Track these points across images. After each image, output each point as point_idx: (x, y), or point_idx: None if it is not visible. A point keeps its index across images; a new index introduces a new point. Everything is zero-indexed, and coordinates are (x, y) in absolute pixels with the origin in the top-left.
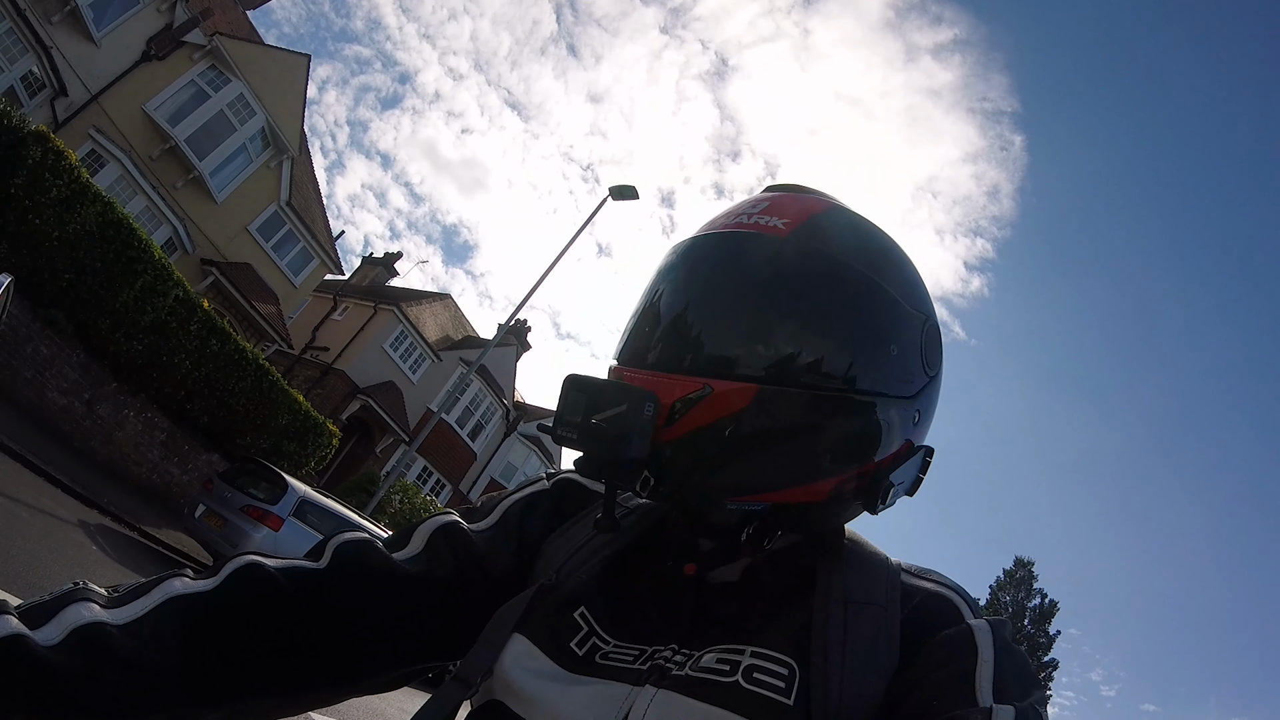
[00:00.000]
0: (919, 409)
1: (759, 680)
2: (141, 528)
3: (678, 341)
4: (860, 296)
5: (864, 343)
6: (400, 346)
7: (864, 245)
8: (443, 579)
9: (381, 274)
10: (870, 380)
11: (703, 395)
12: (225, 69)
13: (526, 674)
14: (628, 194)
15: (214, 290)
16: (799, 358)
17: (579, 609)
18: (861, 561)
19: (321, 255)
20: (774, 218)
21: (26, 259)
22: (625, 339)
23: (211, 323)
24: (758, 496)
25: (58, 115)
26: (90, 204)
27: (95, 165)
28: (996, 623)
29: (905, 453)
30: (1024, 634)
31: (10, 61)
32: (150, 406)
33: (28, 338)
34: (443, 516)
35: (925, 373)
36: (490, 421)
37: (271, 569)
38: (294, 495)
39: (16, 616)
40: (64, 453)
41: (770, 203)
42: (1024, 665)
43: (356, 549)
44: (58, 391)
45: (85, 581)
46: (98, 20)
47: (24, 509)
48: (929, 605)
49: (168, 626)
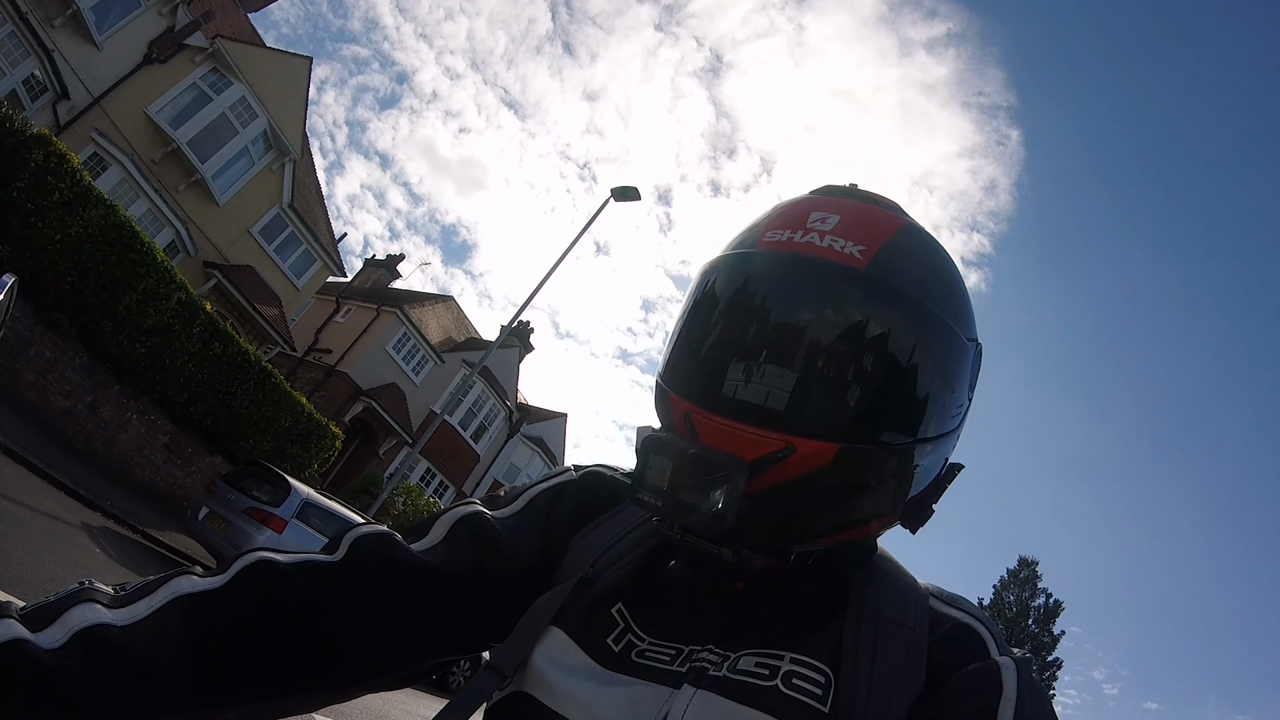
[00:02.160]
0: (960, 433)
1: (797, 686)
2: (144, 530)
3: (759, 389)
4: (938, 345)
5: (938, 391)
6: (403, 348)
7: (936, 279)
8: (463, 570)
9: (384, 276)
10: (935, 426)
11: (786, 454)
12: (227, 72)
13: (561, 669)
14: (630, 195)
15: (216, 293)
16: (880, 414)
17: (616, 605)
18: (893, 581)
19: (324, 257)
20: (849, 242)
21: (29, 262)
22: (686, 369)
23: (214, 325)
24: (820, 540)
25: (60, 118)
26: (93, 207)
27: (98, 168)
28: (1022, 661)
29: (945, 475)
30: (1028, 634)
31: (12, 65)
32: (153, 409)
33: (30, 341)
34: (466, 506)
35: (969, 397)
36: (493, 423)
37: (283, 565)
38: (297, 497)
39: (18, 620)
40: (67, 456)
41: (841, 219)
42: (1044, 706)
43: (374, 541)
44: (61, 394)
45: (91, 581)
46: (99, 23)
47: (27, 511)
48: (957, 635)
49: (174, 626)
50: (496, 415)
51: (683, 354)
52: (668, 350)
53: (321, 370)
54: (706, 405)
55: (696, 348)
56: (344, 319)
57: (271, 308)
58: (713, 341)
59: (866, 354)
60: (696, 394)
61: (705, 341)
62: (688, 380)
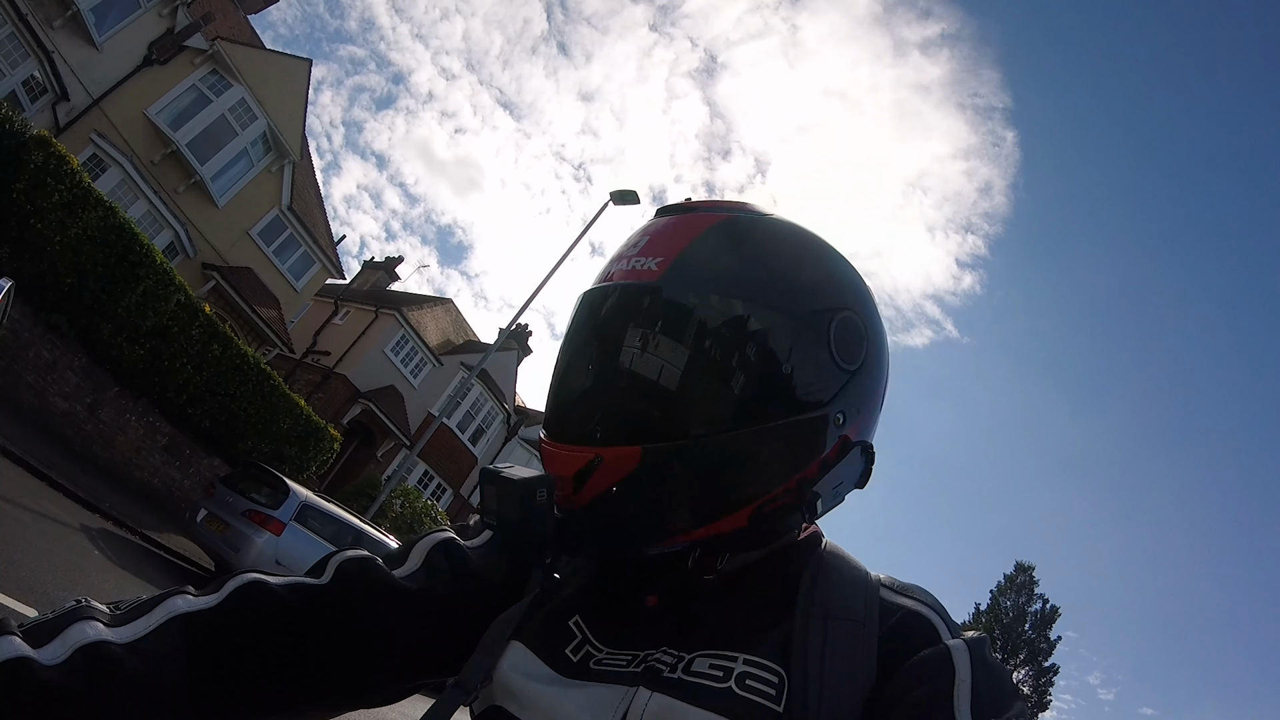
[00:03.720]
0: (843, 410)
1: (751, 687)
2: (143, 532)
3: (572, 411)
4: (732, 333)
5: (746, 379)
6: (401, 351)
7: (744, 265)
8: (442, 594)
9: (383, 278)
10: (763, 412)
11: (595, 465)
12: (226, 74)
13: (525, 679)
14: (629, 199)
15: (215, 295)
16: (680, 412)
17: (573, 618)
18: (841, 575)
19: (323, 259)
20: (649, 258)
21: (29, 264)
22: (547, 405)
23: (213, 327)
24: (677, 539)
25: (59, 120)
26: (92, 209)
27: (97, 170)
28: (974, 642)
29: (836, 455)
30: (1025, 639)
31: (12, 66)
32: (152, 411)
33: (30, 342)
34: (440, 533)
35: (842, 369)
36: (491, 426)
37: (273, 586)
38: (295, 500)
39: (20, 636)
40: (66, 457)
41: (650, 238)
42: (1001, 681)
43: (359, 565)
44: (60, 396)
45: (88, 599)
46: (99, 25)
47: (26, 514)
48: (907, 623)
49: (172, 644)
50: (495, 418)
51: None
52: None
53: (320, 372)
54: (549, 434)
55: (551, 386)
56: (342, 321)
57: (270, 309)
58: (554, 378)
59: (661, 358)
60: (547, 425)
61: (554, 373)
62: (545, 412)
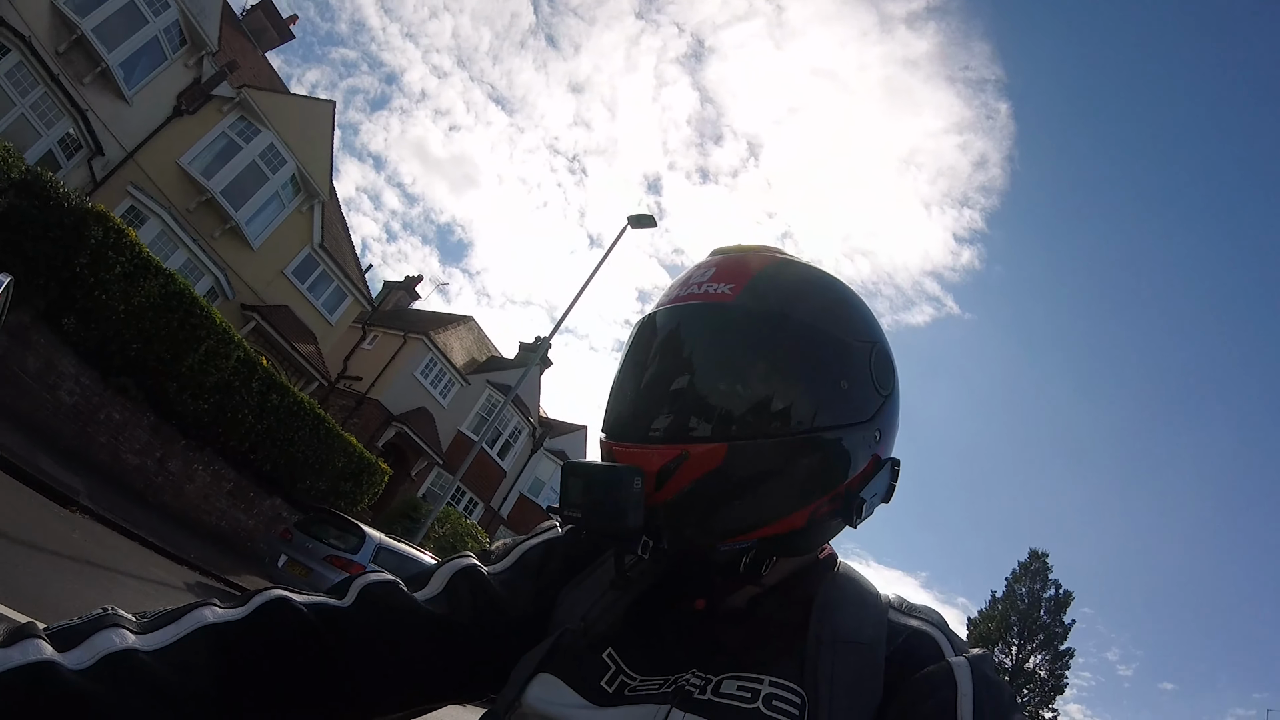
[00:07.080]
0: (879, 428)
1: (777, 707)
2: (226, 579)
3: (652, 413)
4: (805, 345)
5: (815, 386)
6: (430, 373)
7: (804, 294)
8: (462, 620)
9: (403, 297)
10: (828, 417)
11: (681, 460)
12: (254, 119)
13: (557, 705)
14: (645, 223)
15: (256, 334)
16: (759, 412)
17: (607, 650)
18: (852, 599)
19: (354, 293)
20: (720, 284)
21: (94, 332)
22: (608, 412)
23: (271, 379)
24: (744, 536)
25: (95, 174)
26: (153, 277)
27: (136, 221)
28: (976, 659)
29: (872, 469)
30: (1041, 624)
31: (47, 126)
32: (217, 459)
33: (100, 405)
34: (462, 559)
35: (879, 394)
36: (518, 440)
37: (298, 603)
38: (372, 543)
39: (46, 640)
40: (140, 507)
41: (716, 268)
42: (1002, 696)
43: (382, 589)
44: (131, 453)
45: (114, 607)
46: (128, 79)
47: (134, 580)
48: (912, 642)
49: (199, 655)
50: (521, 432)
51: (607, 401)
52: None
53: (353, 398)
54: (618, 436)
55: (614, 393)
56: (371, 346)
57: (308, 345)
58: (622, 385)
59: (738, 361)
60: (612, 429)
61: (618, 387)
62: (609, 420)
